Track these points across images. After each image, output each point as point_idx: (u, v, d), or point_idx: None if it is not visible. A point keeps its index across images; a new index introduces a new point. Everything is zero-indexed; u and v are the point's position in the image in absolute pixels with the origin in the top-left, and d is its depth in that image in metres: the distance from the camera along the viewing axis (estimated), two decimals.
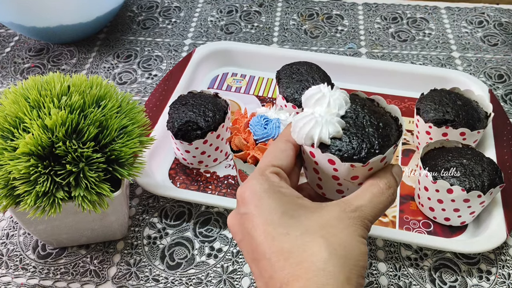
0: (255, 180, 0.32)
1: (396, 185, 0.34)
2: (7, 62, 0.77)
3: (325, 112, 0.33)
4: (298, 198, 0.32)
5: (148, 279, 0.49)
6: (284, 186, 0.32)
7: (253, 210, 0.31)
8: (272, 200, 0.31)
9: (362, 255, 0.30)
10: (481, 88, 0.63)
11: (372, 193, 0.32)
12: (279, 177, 0.33)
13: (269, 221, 0.30)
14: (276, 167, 0.33)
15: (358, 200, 0.32)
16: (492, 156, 0.56)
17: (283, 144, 0.35)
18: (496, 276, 0.48)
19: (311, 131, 0.32)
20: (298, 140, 0.34)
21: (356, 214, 0.31)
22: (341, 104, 0.33)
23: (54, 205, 0.40)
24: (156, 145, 0.57)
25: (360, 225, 0.31)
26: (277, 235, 0.29)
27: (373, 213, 0.32)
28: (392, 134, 0.34)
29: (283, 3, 0.88)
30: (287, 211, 0.30)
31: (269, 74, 0.71)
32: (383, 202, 0.32)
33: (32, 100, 0.43)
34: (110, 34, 0.82)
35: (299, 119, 0.33)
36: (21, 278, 0.49)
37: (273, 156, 0.34)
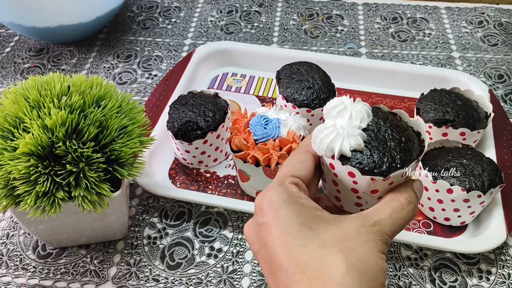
0: (274, 190, 0.32)
1: (417, 201, 0.33)
2: (7, 62, 0.77)
3: (346, 124, 0.33)
4: (317, 209, 0.31)
5: (148, 279, 0.49)
6: (303, 197, 0.32)
7: (271, 221, 0.30)
8: (291, 211, 0.30)
9: (381, 271, 0.29)
10: (481, 88, 0.63)
11: (393, 208, 0.32)
12: (298, 188, 0.32)
13: (287, 232, 0.29)
14: (296, 178, 0.33)
15: (378, 215, 0.31)
16: (492, 156, 0.56)
17: (302, 154, 0.34)
18: (496, 276, 0.48)
19: (332, 142, 0.32)
20: (319, 151, 0.33)
21: (375, 229, 0.30)
22: (363, 117, 0.33)
23: (54, 205, 0.40)
24: (156, 145, 0.57)
25: (379, 240, 0.30)
26: (295, 246, 0.29)
27: (393, 229, 0.31)
28: (414, 149, 0.33)
29: (283, 3, 0.88)
30: (306, 223, 0.30)
31: (269, 74, 0.71)
32: (403, 218, 0.32)
33: (32, 100, 0.43)
34: (110, 34, 0.82)
35: (320, 130, 0.33)
36: (21, 278, 0.49)
37: (293, 167, 0.34)
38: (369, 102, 0.66)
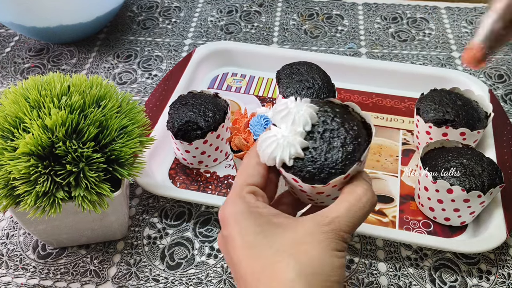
0: (232, 202, 0.33)
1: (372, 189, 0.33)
2: (7, 62, 0.77)
3: (289, 131, 0.33)
4: (274, 216, 0.32)
5: (148, 279, 0.49)
6: (261, 206, 0.32)
7: (231, 232, 0.31)
8: (248, 222, 0.31)
9: (335, 269, 0.30)
10: (481, 88, 0.63)
11: (350, 202, 0.32)
12: (255, 197, 0.33)
13: (245, 243, 0.31)
14: (252, 186, 0.34)
15: (334, 212, 0.32)
16: (492, 156, 0.56)
17: (254, 159, 0.35)
18: (496, 276, 0.48)
19: (273, 153, 0.33)
20: (263, 160, 0.34)
21: (330, 227, 0.31)
22: (306, 121, 0.33)
23: (54, 205, 0.40)
24: (156, 145, 0.57)
25: (334, 238, 0.31)
26: (251, 256, 0.30)
27: (350, 223, 0.31)
28: (358, 149, 0.33)
29: (283, 3, 0.88)
30: (263, 231, 0.31)
31: (269, 74, 0.71)
32: (362, 209, 0.32)
33: (32, 100, 0.43)
34: (110, 34, 0.82)
35: (263, 140, 0.34)
36: (21, 278, 0.49)
37: (247, 174, 0.34)
38: (369, 102, 0.66)
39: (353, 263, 0.50)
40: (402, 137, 0.62)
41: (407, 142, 0.61)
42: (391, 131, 0.62)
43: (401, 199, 0.55)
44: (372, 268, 0.49)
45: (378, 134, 0.62)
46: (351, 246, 0.51)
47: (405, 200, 0.55)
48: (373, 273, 0.49)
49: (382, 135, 0.62)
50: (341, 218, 0.31)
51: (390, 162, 0.59)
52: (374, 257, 0.50)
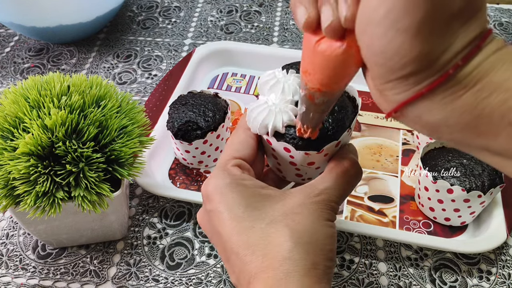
0: (217, 176, 0.32)
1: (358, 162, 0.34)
2: (7, 62, 0.77)
3: (279, 100, 0.32)
4: (262, 188, 0.32)
5: (148, 279, 0.49)
6: (247, 178, 0.32)
7: (218, 207, 0.31)
8: (235, 194, 0.31)
9: (328, 238, 0.30)
10: None
11: (337, 174, 0.32)
12: (241, 169, 0.33)
13: (233, 216, 0.30)
14: (238, 159, 0.33)
15: (323, 183, 0.32)
16: None
17: (242, 133, 0.34)
18: (496, 276, 0.48)
19: (265, 120, 0.32)
20: (253, 129, 0.33)
21: (320, 198, 0.31)
22: (295, 90, 0.33)
23: (54, 205, 0.40)
24: (156, 145, 0.57)
25: (325, 208, 0.31)
26: (243, 229, 0.29)
27: (338, 194, 0.32)
28: (347, 117, 0.33)
29: (283, 3, 0.88)
30: (251, 204, 0.30)
31: None
32: (349, 182, 0.33)
33: (32, 100, 0.43)
34: (110, 34, 0.82)
35: (253, 109, 0.33)
36: (21, 278, 0.49)
37: (233, 148, 0.34)
38: (369, 102, 0.66)
39: (353, 263, 0.50)
40: (402, 137, 0.62)
41: (407, 142, 0.61)
42: (391, 131, 0.62)
43: (401, 199, 0.55)
44: (372, 268, 0.49)
45: (378, 134, 0.62)
46: (351, 246, 0.51)
47: (405, 200, 0.55)
48: (373, 273, 0.49)
49: (382, 135, 0.62)
50: (330, 189, 0.32)
51: (390, 162, 0.59)
52: (374, 257, 0.50)
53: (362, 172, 0.34)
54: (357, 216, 0.53)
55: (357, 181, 0.33)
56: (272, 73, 0.34)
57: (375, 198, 0.55)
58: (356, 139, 0.62)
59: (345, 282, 0.48)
